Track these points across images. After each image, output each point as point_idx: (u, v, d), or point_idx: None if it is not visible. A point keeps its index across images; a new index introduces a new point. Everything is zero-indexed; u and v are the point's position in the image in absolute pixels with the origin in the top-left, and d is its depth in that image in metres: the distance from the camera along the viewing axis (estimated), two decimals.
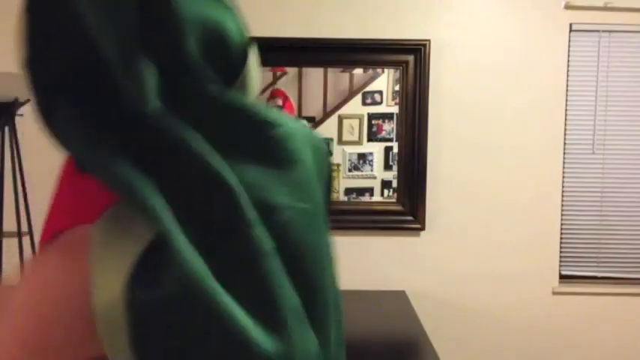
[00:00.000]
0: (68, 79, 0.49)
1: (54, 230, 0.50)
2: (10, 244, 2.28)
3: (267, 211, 0.51)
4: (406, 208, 2.49)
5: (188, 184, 0.48)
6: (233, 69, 0.57)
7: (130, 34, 0.48)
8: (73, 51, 0.49)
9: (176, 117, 0.49)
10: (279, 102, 2.43)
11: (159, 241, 0.44)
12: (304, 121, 2.46)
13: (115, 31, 0.47)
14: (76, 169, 0.51)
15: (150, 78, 0.48)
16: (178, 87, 0.51)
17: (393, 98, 2.48)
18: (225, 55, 0.55)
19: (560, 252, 2.53)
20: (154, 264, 0.44)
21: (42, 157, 2.42)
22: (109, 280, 0.44)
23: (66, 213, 0.51)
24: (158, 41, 0.49)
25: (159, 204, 0.45)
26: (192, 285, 0.44)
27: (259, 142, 0.54)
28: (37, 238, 2.24)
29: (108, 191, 0.46)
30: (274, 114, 0.57)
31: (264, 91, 2.45)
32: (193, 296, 0.44)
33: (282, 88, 2.46)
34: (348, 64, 2.47)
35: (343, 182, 2.50)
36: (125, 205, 0.47)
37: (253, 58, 0.60)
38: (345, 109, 2.48)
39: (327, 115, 2.49)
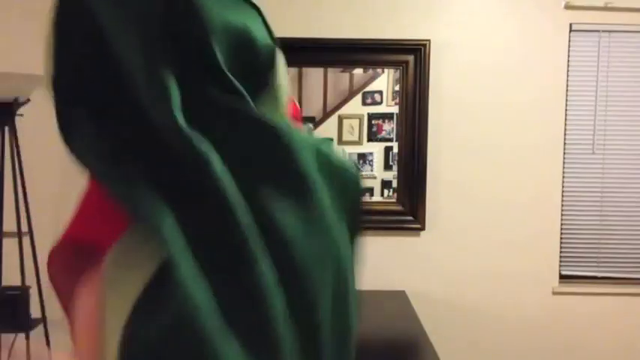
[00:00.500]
0: (89, 92, 0.48)
1: (72, 234, 0.50)
2: (10, 244, 2.28)
3: (276, 243, 0.50)
4: (406, 208, 2.49)
5: (203, 211, 0.47)
6: (262, 75, 0.55)
7: (154, 45, 0.46)
8: (96, 63, 0.47)
9: (198, 131, 0.47)
10: None
11: (165, 268, 0.44)
12: (334, 145, 2.46)
13: (138, 42, 0.46)
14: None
15: (174, 92, 0.47)
16: (203, 99, 0.49)
17: (393, 98, 2.48)
18: (253, 61, 0.54)
19: (560, 252, 2.53)
20: (157, 294, 0.44)
21: (42, 157, 2.42)
22: (117, 310, 0.44)
23: (87, 224, 0.51)
24: (182, 51, 0.48)
25: (170, 228, 0.44)
26: (189, 322, 0.43)
27: (278, 168, 0.52)
28: (37, 238, 2.23)
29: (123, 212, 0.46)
30: (299, 138, 0.54)
31: None
32: (188, 334, 0.43)
33: None
34: (348, 64, 2.47)
35: None
36: (138, 227, 0.46)
37: (281, 61, 0.58)
38: (345, 109, 2.48)
39: (327, 115, 2.48)
